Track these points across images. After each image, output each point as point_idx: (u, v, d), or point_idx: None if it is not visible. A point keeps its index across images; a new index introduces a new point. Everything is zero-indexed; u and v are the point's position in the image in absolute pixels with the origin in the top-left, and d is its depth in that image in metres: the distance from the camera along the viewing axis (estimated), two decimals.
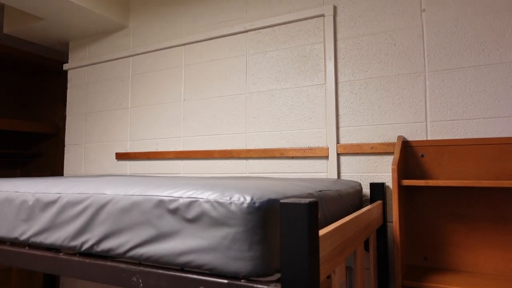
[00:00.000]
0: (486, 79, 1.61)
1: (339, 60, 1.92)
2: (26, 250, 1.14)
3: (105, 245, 0.97)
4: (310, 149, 1.94)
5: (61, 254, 1.07)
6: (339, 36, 1.93)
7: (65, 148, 2.93)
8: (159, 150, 2.47)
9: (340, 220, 1.02)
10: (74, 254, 1.06)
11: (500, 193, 1.52)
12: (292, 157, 2.00)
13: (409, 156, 1.70)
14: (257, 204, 0.78)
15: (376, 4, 1.85)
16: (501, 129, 1.56)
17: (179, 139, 2.40)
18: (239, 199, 0.79)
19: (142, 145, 2.54)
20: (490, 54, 1.60)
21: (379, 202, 1.63)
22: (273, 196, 0.82)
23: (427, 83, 1.72)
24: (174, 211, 0.87)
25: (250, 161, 2.12)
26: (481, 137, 1.59)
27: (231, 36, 2.25)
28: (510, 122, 1.55)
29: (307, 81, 2.00)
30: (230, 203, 0.80)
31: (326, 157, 1.91)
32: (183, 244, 0.84)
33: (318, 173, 1.92)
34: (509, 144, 1.50)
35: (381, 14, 1.84)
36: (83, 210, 1.02)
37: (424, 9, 1.74)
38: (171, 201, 0.88)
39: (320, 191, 1.11)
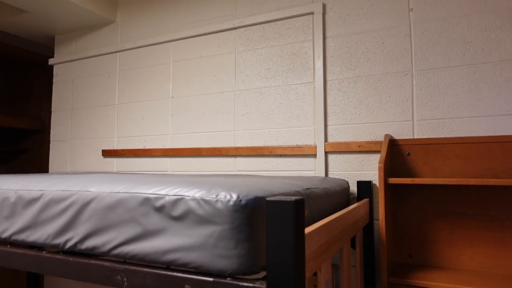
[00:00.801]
0: (471, 79, 1.63)
1: (327, 58, 1.93)
2: (8, 248, 1.11)
3: (89, 243, 0.96)
4: (299, 147, 1.94)
5: (44, 252, 1.05)
6: (328, 34, 1.93)
7: (51, 145, 2.88)
8: (147, 147, 2.44)
9: (326, 218, 1.02)
10: (58, 252, 1.04)
11: (485, 191, 1.55)
12: (281, 155, 2.00)
13: (395, 155, 1.71)
14: (243, 202, 0.77)
15: (365, 3, 1.86)
16: (486, 128, 1.58)
17: (167, 136, 2.38)
18: (225, 196, 0.79)
19: (129, 142, 2.52)
20: (475, 54, 1.63)
21: (366, 200, 1.65)
22: (259, 194, 0.81)
23: (414, 82, 1.73)
24: (160, 209, 0.86)
25: (239, 159, 2.12)
26: (466, 136, 1.61)
27: (220, 33, 2.24)
28: (495, 121, 1.57)
29: (296, 79, 2.00)
30: (216, 200, 0.79)
31: (314, 155, 1.91)
32: (168, 242, 0.83)
33: (306, 171, 1.93)
34: (493, 142, 1.53)
35: (369, 13, 1.85)
36: (67, 208, 1.00)
37: (412, 9, 1.76)
38: (157, 198, 0.87)
39: (307, 189, 1.11)
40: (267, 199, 0.71)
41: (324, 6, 1.95)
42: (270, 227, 0.71)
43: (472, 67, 1.63)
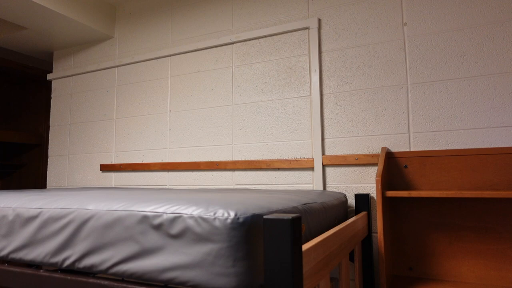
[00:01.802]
0: (466, 91, 1.65)
1: (324, 72, 1.95)
2: (5, 267, 1.11)
3: (87, 262, 0.96)
4: (296, 160, 1.95)
5: (41, 270, 1.05)
6: (323, 48, 1.96)
7: (49, 159, 2.88)
8: (145, 161, 2.45)
9: (324, 234, 1.02)
10: (55, 271, 1.04)
11: (482, 203, 1.56)
12: (279, 169, 2.01)
13: (393, 167, 1.72)
14: (241, 220, 0.78)
15: (360, 18, 1.89)
16: (481, 140, 1.60)
17: (165, 151, 2.39)
18: (223, 214, 0.79)
19: (127, 156, 2.52)
20: (469, 67, 1.65)
21: (364, 213, 1.65)
22: (257, 211, 0.82)
23: (410, 95, 1.75)
24: (158, 227, 0.86)
25: (237, 173, 2.12)
26: (462, 148, 1.62)
27: (218, 48, 2.27)
28: (489, 133, 1.59)
29: (292, 93, 2.02)
30: (214, 218, 0.79)
31: (312, 169, 1.92)
32: (166, 260, 0.83)
33: (304, 185, 1.93)
34: (488, 155, 1.54)
35: (364, 28, 1.87)
36: (65, 226, 1.00)
37: (406, 23, 1.79)
38: (155, 216, 0.87)
39: (305, 204, 1.12)
40: (264, 217, 0.72)
41: (319, 21, 1.98)
42: (267, 245, 0.71)
43: (466, 80, 1.65)
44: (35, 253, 1.05)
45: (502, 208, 1.52)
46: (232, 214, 0.78)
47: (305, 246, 0.82)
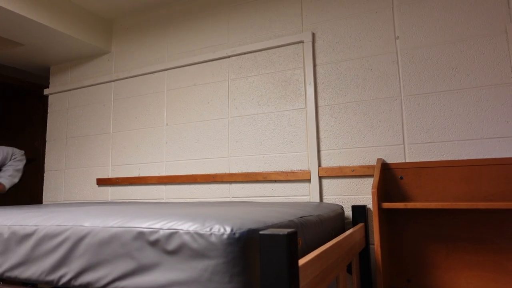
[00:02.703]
0: (458, 103, 1.67)
1: (318, 85, 1.97)
2: (1, 286, 1.10)
3: (83, 279, 0.95)
4: (293, 172, 1.95)
5: None
6: (318, 61, 1.99)
7: (45, 174, 2.87)
8: (142, 175, 2.45)
9: (320, 247, 1.02)
10: None
11: (478, 214, 1.56)
12: (275, 181, 2.01)
13: (388, 178, 1.73)
14: (237, 235, 0.78)
15: (353, 31, 1.92)
16: (475, 151, 1.61)
17: (161, 164, 2.39)
18: (219, 230, 0.79)
19: (124, 170, 2.52)
20: (461, 79, 1.67)
21: (361, 225, 1.65)
22: (253, 226, 0.82)
23: (404, 107, 1.77)
24: (154, 243, 0.86)
25: (234, 185, 2.12)
26: (456, 159, 1.64)
27: (213, 62, 2.29)
28: (483, 144, 1.60)
29: (288, 105, 2.03)
30: (210, 234, 0.80)
31: (308, 180, 1.92)
32: (163, 277, 0.83)
33: (301, 196, 1.94)
34: (482, 165, 1.55)
35: (357, 41, 1.90)
36: (60, 243, 1.00)
37: (398, 37, 1.82)
38: (151, 232, 0.87)
39: (301, 217, 1.12)
40: (260, 232, 0.72)
41: (313, 35, 2.01)
42: (263, 261, 0.71)
43: (459, 92, 1.67)
44: (31, 271, 1.04)
45: (497, 219, 1.53)
46: (228, 230, 0.79)
47: (301, 261, 0.82)
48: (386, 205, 1.52)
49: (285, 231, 0.71)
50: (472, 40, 1.67)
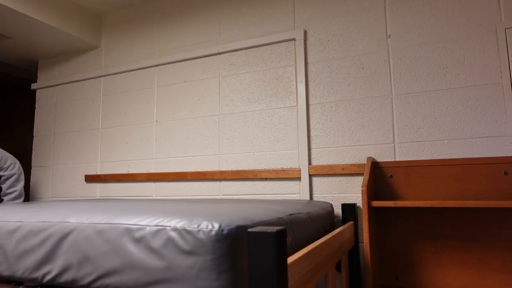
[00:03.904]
0: (448, 102, 1.68)
1: (310, 83, 1.97)
2: None
3: (68, 276, 0.93)
4: (283, 170, 1.95)
5: (21, 287, 1.02)
6: (309, 59, 1.98)
7: (32, 170, 2.83)
8: (131, 172, 2.42)
9: (309, 246, 1.02)
10: (36, 287, 1.01)
11: (466, 212, 1.58)
12: (265, 179, 2.00)
13: (378, 177, 1.73)
14: (225, 232, 0.77)
15: (345, 30, 1.92)
16: (464, 150, 1.62)
17: (151, 161, 2.36)
18: (207, 226, 0.78)
19: (113, 167, 2.49)
20: (451, 78, 1.68)
21: (350, 223, 1.65)
22: (241, 222, 0.81)
23: (394, 106, 1.78)
24: (141, 240, 0.84)
25: (224, 183, 2.11)
26: (446, 158, 1.65)
27: (205, 58, 2.27)
28: (472, 143, 1.61)
29: (279, 103, 2.02)
30: (198, 230, 0.79)
31: (299, 178, 1.92)
32: (149, 274, 0.82)
33: (291, 194, 1.93)
34: (471, 164, 1.57)
35: (349, 39, 1.90)
36: (45, 240, 0.98)
37: (390, 35, 1.82)
38: (138, 229, 0.86)
39: (290, 214, 1.11)
40: (248, 230, 0.71)
41: (305, 32, 2.00)
42: (251, 258, 0.70)
43: (449, 92, 1.68)
44: (15, 268, 1.02)
45: (484, 217, 1.54)
46: (216, 226, 0.78)
47: (290, 259, 0.81)
48: (376, 203, 1.53)
49: (273, 228, 0.71)
50: (463, 40, 1.68)
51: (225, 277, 0.76)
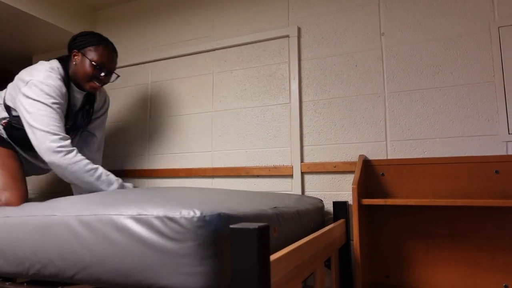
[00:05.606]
0: (441, 101, 1.67)
1: (303, 80, 1.96)
2: None
3: (52, 269, 0.92)
4: (275, 167, 1.94)
5: (8, 283, 1.01)
6: (303, 56, 1.97)
7: None
8: (123, 168, 2.41)
9: (296, 242, 1.01)
10: (22, 284, 1.00)
11: (456, 211, 1.57)
12: (258, 176, 2.00)
13: (370, 175, 1.73)
14: (207, 218, 0.77)
15: (339, 27, 1.91)
16: (456, 149, 1.62)
17: (143, 157, 2.35)
18: (189, 213, 0.78)
19: (105, 162, 2.47)
20: (444, 77, 1.68)
21: (342, 220, 1.65)
22: (224, 210, 0.81)
23: (387, 104, 1.77)
24: (124, 229, 0.84)
25: (216, 180, 2.10)
26: (437, 156, 1.64)
27: (198, 54, 2.26)
28: (464, 142, 1.61)
29: (272, 100, 2.02)
30: (180, 217, 0.78)
31: (291, 176, 1.91)
32: (133, 262, 0.81)
33: (283, 192, 1.93)
34: (462, 163, 1.56)
35: (343, 37, 1.90)
36: (29, 232, 0.97)
37: (383, 33, 1.81)
38: (121, 218, 0.85)
39: (274, 207, 1.11)
40: (231, 226, 0.70)
41: (299, 29, 1.99)
42: (234, 254, 0.70)
43: (442, 90, 1.68)
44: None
45: (475, 216, 1.54)
46: (198, 213, 0.77)
47: (274, 256, 0.81)
48: (366, 201, 1.52)
49: (255, 225, 0.70)
50: (456, 38, 1.67)
51: (208, 263, 0.75)
